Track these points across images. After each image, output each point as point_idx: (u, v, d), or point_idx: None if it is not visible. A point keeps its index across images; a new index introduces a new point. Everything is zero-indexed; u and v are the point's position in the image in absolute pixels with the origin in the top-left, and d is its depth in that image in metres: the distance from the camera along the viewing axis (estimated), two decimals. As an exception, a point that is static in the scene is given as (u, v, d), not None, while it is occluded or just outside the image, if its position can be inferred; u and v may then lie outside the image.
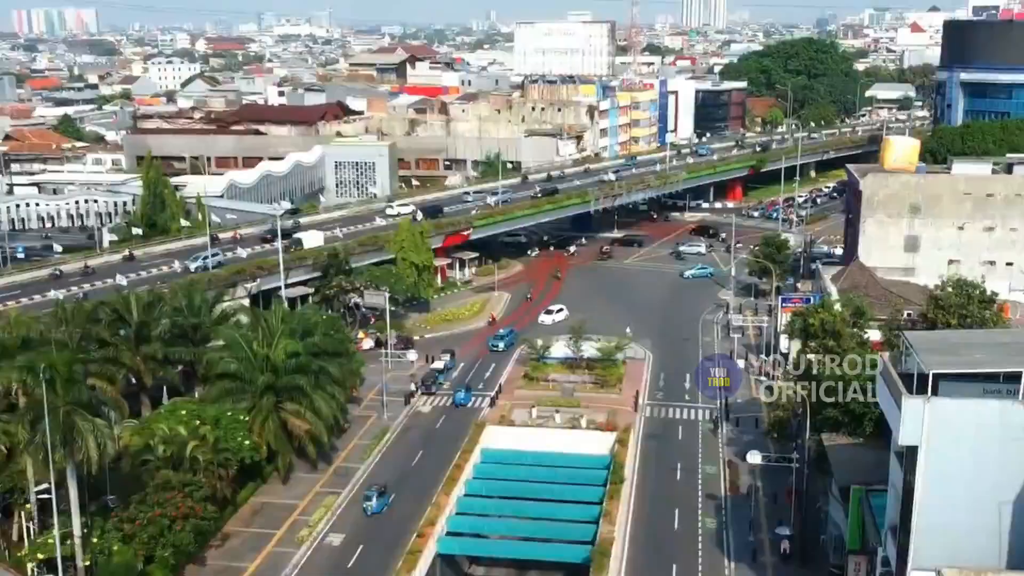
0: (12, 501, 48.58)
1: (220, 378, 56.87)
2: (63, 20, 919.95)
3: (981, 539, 34.34)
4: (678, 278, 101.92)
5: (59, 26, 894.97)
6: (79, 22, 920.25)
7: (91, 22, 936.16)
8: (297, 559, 50.46)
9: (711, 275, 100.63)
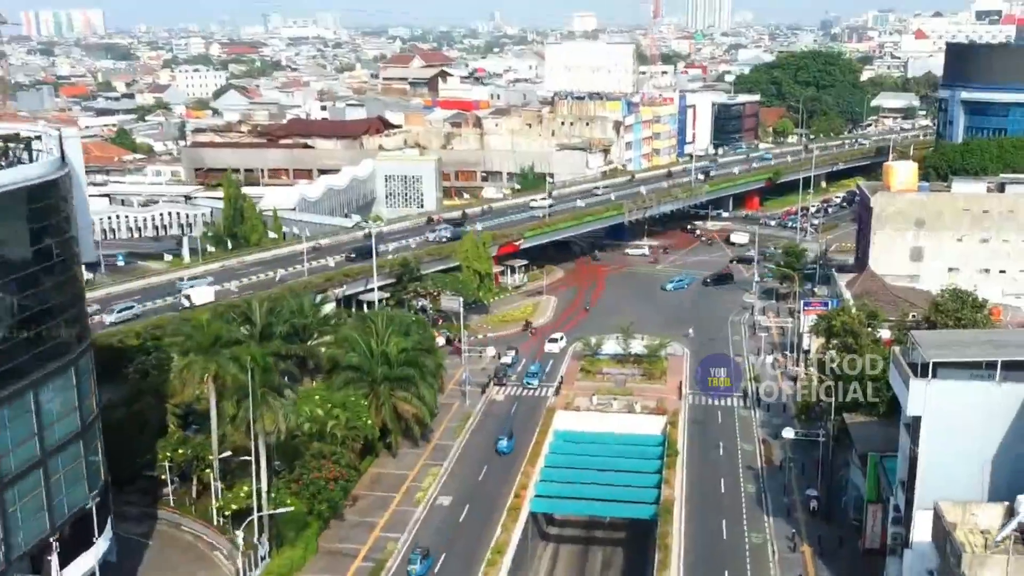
0: (193, 467, 60.71)
1: (344, 369, 68.92)
2: (71, 22, 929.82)
3: (969, 487, 46.35)
4: (702, 284, 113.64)
5: (67, 28, 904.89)
6: (86, 24, 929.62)
7: (98, 24, 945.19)
8: (417, 515, 62.66)
9: (688, 284, 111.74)
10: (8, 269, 41.03)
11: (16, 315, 41.45)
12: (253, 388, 52.59)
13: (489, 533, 59.43)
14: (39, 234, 42.66)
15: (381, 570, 56.34)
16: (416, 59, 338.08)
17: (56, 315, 44.05)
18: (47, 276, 43.35)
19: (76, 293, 46.54)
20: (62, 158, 45.59)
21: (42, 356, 43.06)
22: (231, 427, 55.84)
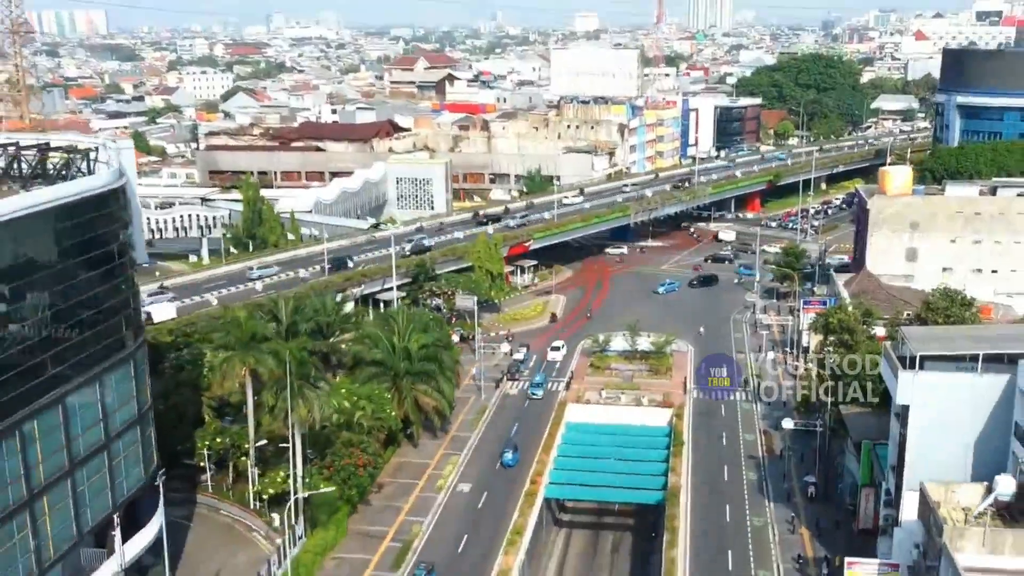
0: (230, 455, 64.95)
1: (368, 364, 73.17)
2: (73, 22, 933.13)
3: (953, 470, 50.62)
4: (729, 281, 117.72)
5: (69, 28, 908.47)
6: (88, 24, 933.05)
7: (100, 23, 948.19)
8: (439, 501, 66.95)
9: (677, 287, 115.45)
10: (77, 270, 45.25)
11: (84, 312, 45.67)
12: (290, 380, 56.86)
13: (507, 517, 63.64)
14: (103, 239, 46.89)
15: (408, 550, 60.64)
16: (421, 61, 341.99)
17: (117, 313, 48.28)
18: (110, 277, 47.59)
19: (133, 292, 50.78)
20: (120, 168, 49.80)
21: (106, 350, 47.29)
22: (269, 417, 60.08)
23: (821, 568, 56.98)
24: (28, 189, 49.02)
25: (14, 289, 40.90)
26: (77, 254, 45.08)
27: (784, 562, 59.04)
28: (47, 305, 42.71)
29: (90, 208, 45.66)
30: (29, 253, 41.74)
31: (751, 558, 59.59)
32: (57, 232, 43.48)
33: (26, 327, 41.45)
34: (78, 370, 44.98)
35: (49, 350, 42.93)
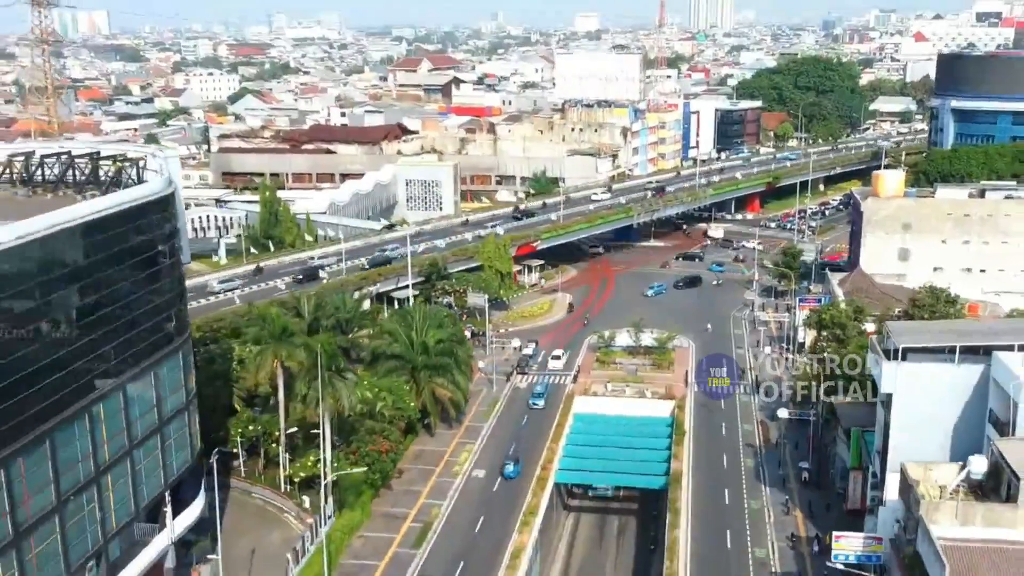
0: (261, 442, 69.71)
1: (388, 358, 77.92)
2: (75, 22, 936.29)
3: (932, 452, 55.26)
4: (709, 282, 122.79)
5: (72, 28, 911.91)
6: (91, 24, 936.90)
7: (103, 24, 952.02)
8: (456, 486, 71.68)
9: (665, 289, 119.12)
10: (136, 269, 50.01)
11: (142, 307, 50.42)
12: (321, 371, 61.62)
13: (520, 500, 68.37)
14: (158, 241, 51.65)
15: (428, 530, 65.39)
16: (424, 62, 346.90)
17: (169, 308, 53.07)
18: (163, 276, 52.37)
19: (182, 290, 55.57)
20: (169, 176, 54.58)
21: (158, 343, 52.06)
22: (301, 405, 64.78)
23: (812, 546, 61.73)
24: (83, 196, 53.94)
25: (85, 286, 45.63)
26: (136, 255, 49.81)
27: (778, 541, 63.78)
28: (111, 300, 47.45)
29: (147, 213, 50.43)
30: (97, 254, 46.40)
31: (748, 537, 64.34)
32: (119, 234, 48.14)
33: (94, 320, 46.14)
34: (137, 360, 49.75)
35: (113, 341, 47.67)
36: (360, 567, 61.23)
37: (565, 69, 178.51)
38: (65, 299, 44.32)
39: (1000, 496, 48.84)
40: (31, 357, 41.78)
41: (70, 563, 45.03)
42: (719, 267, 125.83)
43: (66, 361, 44.11)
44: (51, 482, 43.49)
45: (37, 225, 42.32)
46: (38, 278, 42.59)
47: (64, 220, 43.81)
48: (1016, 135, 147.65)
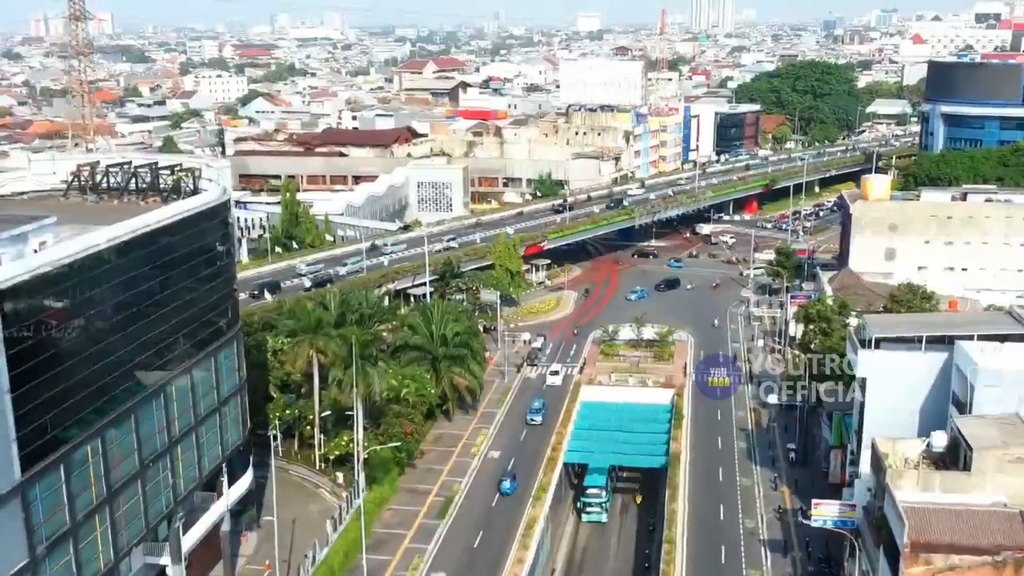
0: (296, 425, 76.95)
1: (410, 349, 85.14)
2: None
3: (902, 430, 62.39)
4: (707, 280, 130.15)
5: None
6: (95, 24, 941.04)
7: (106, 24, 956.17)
8: (473, 465, 78.97)
9: (647, 294, 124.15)
10: (200, 267, 57.23)
11: (205, 300, 57.65)
12: (356, 359, 68.88)
13: (533, 478, 75.65)
14: (216, 242, 58.88)
15: (450, 504, 72.69)
16: (429, 64, 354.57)
17: (226, 301, 60.34)
18: (221, 272, 59.64)
19: (234, 286, 62.81)
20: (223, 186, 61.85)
21: (217, 332, 59.29)
22: (336, 390, 72.03)
23: (797, 516, 68.93)
24: (146, 202, 61.17)
25: (165, 280, 52.87)
26: (201, 253, 57.04)
27: (767, 513, 71.12)
28: (184, 292, 54.73)
29: (209, 217, 57.66)
30: (173, 252, 53.61)
31: (739, 509, 71.65)
32: (189, 236, 55.33)
33: (170, 310, 53.38)
34: (201, 347, 57.02)
35: (183, 330, 54.93)
36: (390, 535, 68.53)
37: (569, 75, 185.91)
38: (150, 291, 51.46)
39: (958, 466, 55.99)
40: (122, 342, 49.00)
41: (148, 521, 52.30)
42: (677, 263, 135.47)
43: (148, 346, 51.35)
44: (135, 450, 50.71)
45: (134, 224, 49.57)
46: (133, 271, 49.75)
47: (152, 222, 51.03)
48: (1003, 139, 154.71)
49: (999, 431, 55.33)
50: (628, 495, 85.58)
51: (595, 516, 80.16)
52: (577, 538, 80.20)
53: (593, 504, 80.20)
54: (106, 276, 47.62)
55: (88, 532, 46.94)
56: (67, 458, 45.07)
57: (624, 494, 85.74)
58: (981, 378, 57.77)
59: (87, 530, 46.82)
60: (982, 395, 57.78)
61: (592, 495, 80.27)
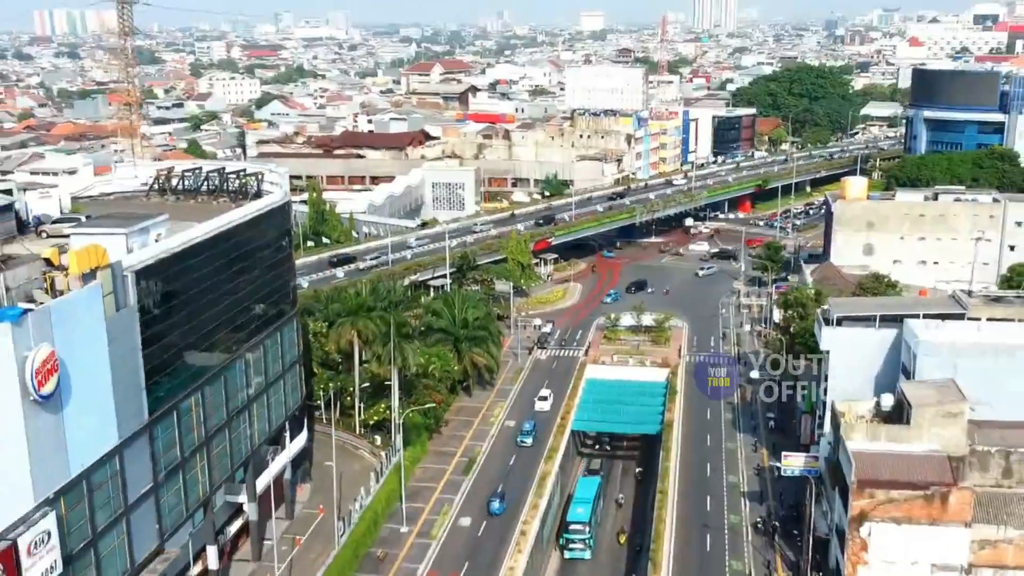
0: (339, 396, 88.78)
1: (435, 331, 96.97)
2: (84, 21, 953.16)
3: (859, 395, 74.17)
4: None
5: (80, 27, 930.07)
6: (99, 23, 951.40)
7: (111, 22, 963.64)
8: (492, 432, 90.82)
9: (619, 295, 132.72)
10: (271, 256, 69.13)
11: (274, 283, 69.55)
12: (393, 336, 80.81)
13: (544, 441, 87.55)
14: (281, 235, 70.84)
15: (473, 463, 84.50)
16: (437, 66, 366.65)
17: (288, 284, 72.27)
18: (285, 261, 71.58)
19: (293, 272, 74.71)
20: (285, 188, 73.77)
21: (283, 310, 71.20)
22: (376, 364, 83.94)
23: (773, 472, 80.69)
24: (216, 202, 73.01)
25: (248, 265, 64.77)
26: (271, 244, 69.00)
27: (748, 471, 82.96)
28: (260, 275, 66.65)
29: (276, 214, 69.62)
30: (252, 243, 65.51)
31: (724, 468, 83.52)
32: (263, 229, 67.25)
33: (251, 290, 65.31)
34: (271, 322, 68.95)
35: (259, 306, 66.88)
36: (423, 487, 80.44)
37: (575, 81, 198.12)
38: (235, 275, 63.35)
39: (901, 421, 67.80)
40: (215, 315, 60.90)
41: (233, 464, 64.24)
42: (609, 254, 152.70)
43: (233, 319, 63.28)
44: (223, 405, 62.59)
45: (223, 220, 61.54)
46: (223, 259, 61.62)
47: (236, 218, 62.97)
48: (981, 142, 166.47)
49: (936, 392, 67.16)
50: (627, 460, 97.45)
51: (578, 553, 78.17)
52: None
53: (576, 540, 78.07)
54: (205, 262, 59.40)
55: (191, 467, 58.85)
56: (177, 407, 56.90)
57: (624, 460, 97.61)
58: (923, 349, 69.75)
59: (191, 465, 58.73)
60: (923, 363, 69.76)
61: (575, 531, 78.21)
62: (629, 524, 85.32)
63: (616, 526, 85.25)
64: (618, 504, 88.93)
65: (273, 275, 70.04)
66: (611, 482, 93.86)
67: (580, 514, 79.62)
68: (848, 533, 63.12)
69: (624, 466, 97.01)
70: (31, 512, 44.19)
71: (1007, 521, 62.28)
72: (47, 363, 44.17)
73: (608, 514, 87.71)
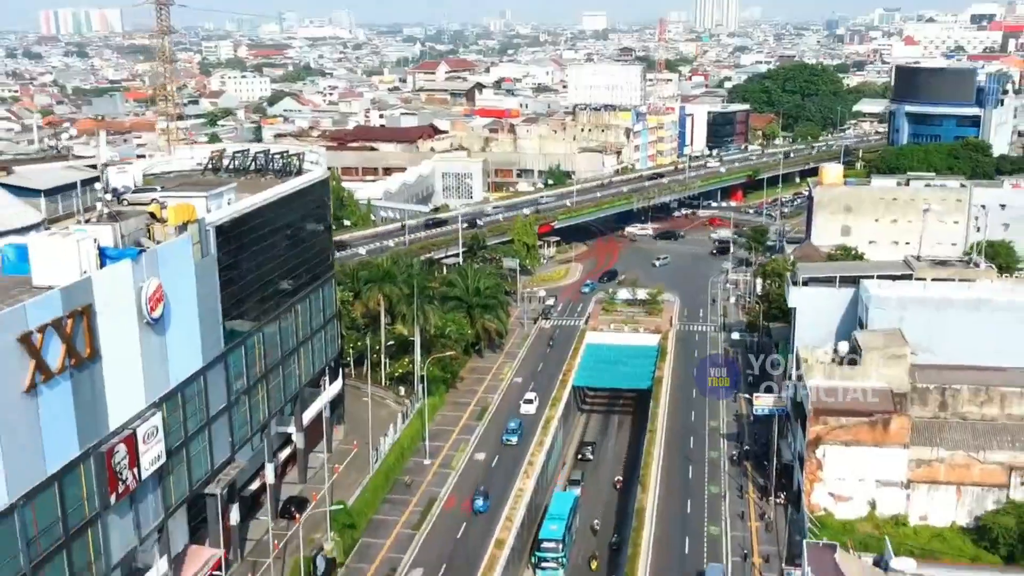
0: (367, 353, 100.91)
1: (451, 299, 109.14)
2: (89, 20, 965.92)
3: (822, 343, 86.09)
4: (692, 254, 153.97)
5: (85, 26, 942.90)
6: (103, 22, 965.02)
7: (115, 22, 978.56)
8: (501, 387, 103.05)
9: (597, 287, 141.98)
10: (315, 223, 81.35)
11: (317, 247, 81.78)
12: (417, 298, 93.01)
13: (549, 393, 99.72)
14: (323, 206, 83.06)
15: (485, 411, 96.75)
16: (442, 65, 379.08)
17: (327, 250, 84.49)
18: (325, 229, 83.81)
19: (331, 239, 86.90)
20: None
21: (323, 271, 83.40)
22: (401, 323, 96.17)
23: (749, 417, 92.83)
24: (264, 179, 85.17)
25: (295, 230, 77.01)
26: (315, 213, 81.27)
27: (727, 417, 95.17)
28: (303, 240, 78.90)
29: (318, 188, 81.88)
30: (300, 210, 77.72)
31: (706, 415, 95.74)
32: (308, 200, 79.51)
33: (300, 250, 77.55)
34: (314, 280, 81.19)
35: (307, 265, 79.11)
36: (442, 430, 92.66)
37: (576, 78, 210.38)
38: (288, 236, 75.59)
39: (854, 364, 79.92)
40: (274, 268, 73.08)
41: (285, 398, 76.46)
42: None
43: (287, 274, 75.52)
44: (278, 346, 74.78)
45: (279, 189, 73.87)
46: (280, 222, 73.84)
47: (289, 188, 75.28)
48: (958, 135, 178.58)
49: (884, 339, 79.40)
50: (622, 415, 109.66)
51: (550, 571, 75.67)
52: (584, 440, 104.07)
53: (548, 559, 75.59)
54: (265, 223, 71.54)
55: (255, 394, 71.04)
56: (244, 342, 69.07)
57: (619, 414, 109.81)
58: (873, 304, 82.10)
59: (254, 392, 70.92)
60: (874, 316, 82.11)
61: (548, 549, 75.77)
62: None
63: (589, 551, 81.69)
64: (594, 531, 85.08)
65: (315, 240, 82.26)
66: (608, 431, 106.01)
67: (553, 531, 76.60)
68: (806, 455, 75.33)
69: (619, 419, 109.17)
70: (144, 411, 56.29)
71: (940, 444, 74.53)
72: (156, 293, 56.31)
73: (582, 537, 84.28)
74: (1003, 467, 73.11)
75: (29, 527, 47.07)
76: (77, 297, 49.97)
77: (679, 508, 78.94)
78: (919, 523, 73.93)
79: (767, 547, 72.59)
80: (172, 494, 59.73)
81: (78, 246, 51.69)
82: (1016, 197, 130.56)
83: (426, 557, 71.82)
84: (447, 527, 76.12)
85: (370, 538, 74.28)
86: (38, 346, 46.97)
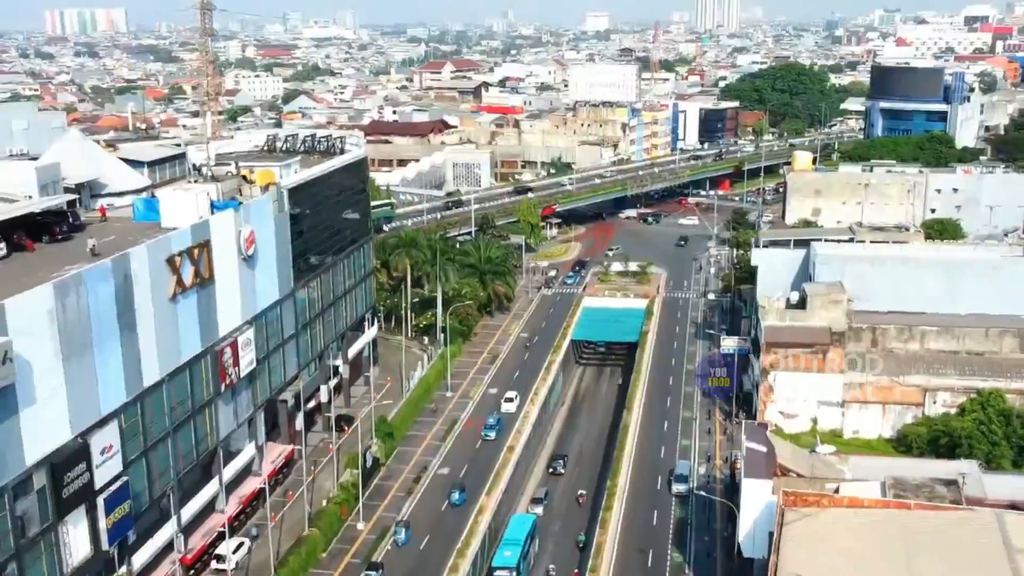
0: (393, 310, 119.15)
1: (466, 266, 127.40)
2: (94, 20, 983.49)
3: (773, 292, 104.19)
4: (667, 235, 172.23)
5: (90, 26, 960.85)
6: (108, 22, 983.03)
7: (120, 22, 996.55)
8: (510, 341, 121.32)
9: (578, 278, 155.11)
10: (355, 194, 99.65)
11: (358, 212, 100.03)
12: (439, 259, 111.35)
13: (550, 345, 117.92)
14: (362, 180, 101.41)
15: (496, 358, 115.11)
16: (447, 65, 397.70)
17: (365, 216, 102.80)
18: (364, 199, 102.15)
19: (368, 207, 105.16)
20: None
21: (360, 233, 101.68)
22: (425, 281, 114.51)
23: (720, 361, 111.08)
24: (311, 158, 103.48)
25: (343, 197, 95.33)
26: (355, 186, 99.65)
27: (701, 359, 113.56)
28: (348, 206, 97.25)
29: (359, 165, 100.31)
30: (345, 182, 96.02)
31: (684, 360, 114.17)
32: (350, 174, 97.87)
33: (349, 215, 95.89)
34: (355, 240, 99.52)
35: (351, 227, 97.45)
36: (461, 371, 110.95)
37: (577, 77, 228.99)
38: (338, 201, 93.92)
39: (802, 308, 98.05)
40: (328, 226, 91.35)
41: (336, 333, 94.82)
42: None
43: (338, 231, 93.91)
44: (331, 290, 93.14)
45: (333, 163, 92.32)
46: (332, 190, 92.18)
47: (339, 163, 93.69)
48: (928, 128, 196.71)
49: (826, 289, 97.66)
50: (613, 367, 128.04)
51: None
52: (580, 388, 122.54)
53: None
54: (321, 190, 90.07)
55: (314, 327, 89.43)
56: (308, 284, 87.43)
57: (611, 367, 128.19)
58: (819, 260, 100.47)
59: (314, 324, 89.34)
60: (820, 271, 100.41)
61: None
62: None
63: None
64: (579, 547, 79.22)
65: (357, 206, 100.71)
66: (600, 380, 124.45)
67: (507, 558, 70.62)
68: (760, 380, 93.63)
69: (611, 371, 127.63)
70: (241, 325, 74.63)
71: (868, 371, 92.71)
72: (250, 236, 74.65)
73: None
74: (919, 389, 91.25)
75: (170, 398, 65.41)
76: (200, 233, 68.42)
77: (657, 428, 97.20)
78: (852, 436, 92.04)
79: (727, 453, 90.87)
80: (258, 394, 78.15)
81: (196, 198, 70.12)
82: (966, 182, 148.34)
83: (451, 462, 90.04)
84: (467, 442, 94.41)
85: (405, 447, 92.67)
86: (177, 266, 65.35)
